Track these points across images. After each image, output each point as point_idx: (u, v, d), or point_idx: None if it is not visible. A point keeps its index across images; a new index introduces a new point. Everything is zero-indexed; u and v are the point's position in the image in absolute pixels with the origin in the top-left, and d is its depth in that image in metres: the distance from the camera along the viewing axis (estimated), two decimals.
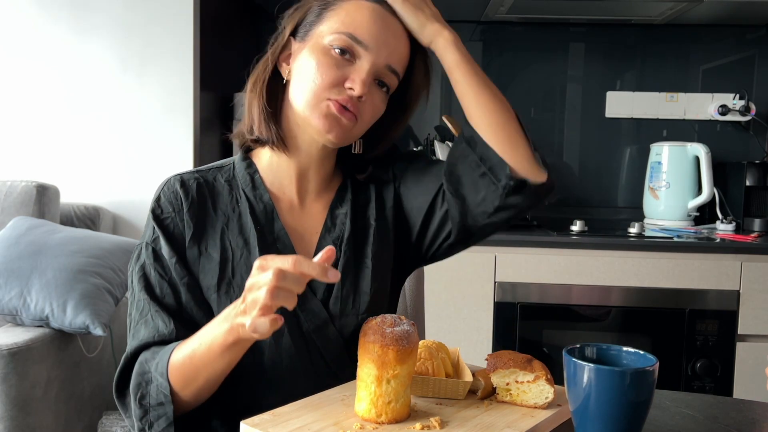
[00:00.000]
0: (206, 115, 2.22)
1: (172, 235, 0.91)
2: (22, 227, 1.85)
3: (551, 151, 2.61)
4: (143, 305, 0.88)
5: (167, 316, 0.87)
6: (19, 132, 2.18)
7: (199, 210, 0.93)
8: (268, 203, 0.95)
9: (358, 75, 0.86)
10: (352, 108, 0.87)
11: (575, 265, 1.93)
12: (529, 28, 2.57)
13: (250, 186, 0.96)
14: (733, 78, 2.52)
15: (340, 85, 0.87)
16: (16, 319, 1.73)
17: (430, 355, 0.81)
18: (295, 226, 0.96)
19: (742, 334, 1.94)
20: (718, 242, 1.98)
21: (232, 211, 0.93)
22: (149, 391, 0.81)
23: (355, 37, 0.87)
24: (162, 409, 0.81)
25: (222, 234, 0.92)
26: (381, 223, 1.00)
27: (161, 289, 0.89)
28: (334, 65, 0.87)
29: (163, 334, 0.85)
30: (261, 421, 0.71)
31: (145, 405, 0.82)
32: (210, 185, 0.95)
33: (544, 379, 0.78)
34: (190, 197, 0.93)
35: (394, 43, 0.89)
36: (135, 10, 2.13)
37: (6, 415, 1.56)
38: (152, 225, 0.92)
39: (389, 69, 0.89)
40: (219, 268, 0.90)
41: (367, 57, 0.87)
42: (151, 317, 0.87)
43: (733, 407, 0.93)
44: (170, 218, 0.92)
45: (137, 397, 0.82)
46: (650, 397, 0.67)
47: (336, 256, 0.93)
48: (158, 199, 0.93)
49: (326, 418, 0.72)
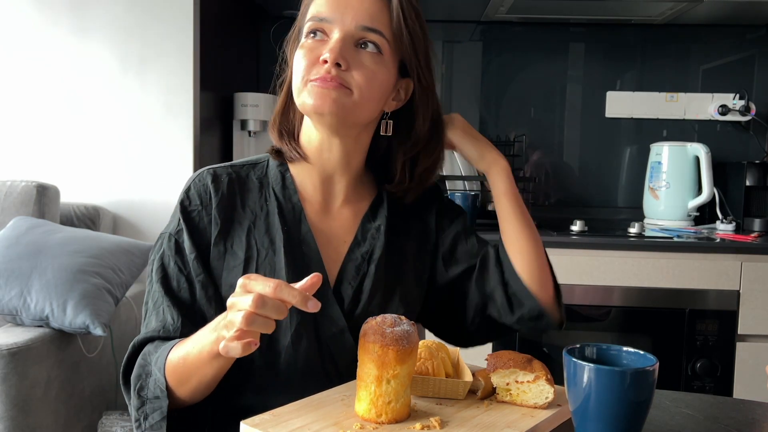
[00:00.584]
0: (206, 115, 2.22)
1: (196, 228, 0.90)
2: (22, 227, 1.85)
3: (551, 151, 2.61)
4: (157, 296, 0.88)
5: (177, 311, 0.87)
6: (19, 132, 2.18)
7: (228, 206, 0.92)
8: (297, 204, 0.94)
9: (328, 46, 0.85)
10: (333, 78, 0.84)
11: (575, 265, 1.93)
12: (529, 28, 2.57)
13: (281, 185, 0.95)
14: (733, 78, 2.52)
15: (317, 64, 0.86)
16: (16, 319, 1.73)
17: (430, 355, 0.81)
18: (323, 230, 0.95)
19: (742, 334, 1.94)
20: (718, 242, 1.98)
21: (260, 210, 0.93)
22: (148, 383, 0.82)
23: (317, 16, 0.87)
24: (158, 403, 0.81)
25: (249, 232, 0.91)
26: (420, 253, 1.01)
27: (178, 283, 0.89)
28: (310, 49, 0.86)
29: (168, 330, 0.86)
30: (261, 421, 0.71)
31: (143, 397, 0.82)
32: (242, 181, 0.94)
33: (544, 379, 0.78)
34: (220, 192, 0.92)
35: (357, 3, 0.87)
36: (135, 10, 2.13)
37: (6, 415, 1.56)
38: (178, 216, 0.91)
39: (364, 29, 0.86)
40: (243, 266, 0.89)
41: (334, 29, 0.86)
42: (162, 310, 0.87)
43: (733, 407, 0.93)
44: (197, 211, 0.91)
45: (136, 388, 0.83)
46: (650, 397, 0.67)
47: (363, 270, 0.94)
48: (188, 190, 0.93)
49: (326, 418, 0.72)
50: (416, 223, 1.02)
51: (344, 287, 0.93)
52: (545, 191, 2.61)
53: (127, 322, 1.99)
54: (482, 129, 2.61)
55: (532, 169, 2.61)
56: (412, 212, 1.02)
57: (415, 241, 1.01)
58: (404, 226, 1.00)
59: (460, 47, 2.61)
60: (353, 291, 0.93)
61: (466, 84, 2.62)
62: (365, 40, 0.86)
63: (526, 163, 2.58)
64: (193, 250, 0.89)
